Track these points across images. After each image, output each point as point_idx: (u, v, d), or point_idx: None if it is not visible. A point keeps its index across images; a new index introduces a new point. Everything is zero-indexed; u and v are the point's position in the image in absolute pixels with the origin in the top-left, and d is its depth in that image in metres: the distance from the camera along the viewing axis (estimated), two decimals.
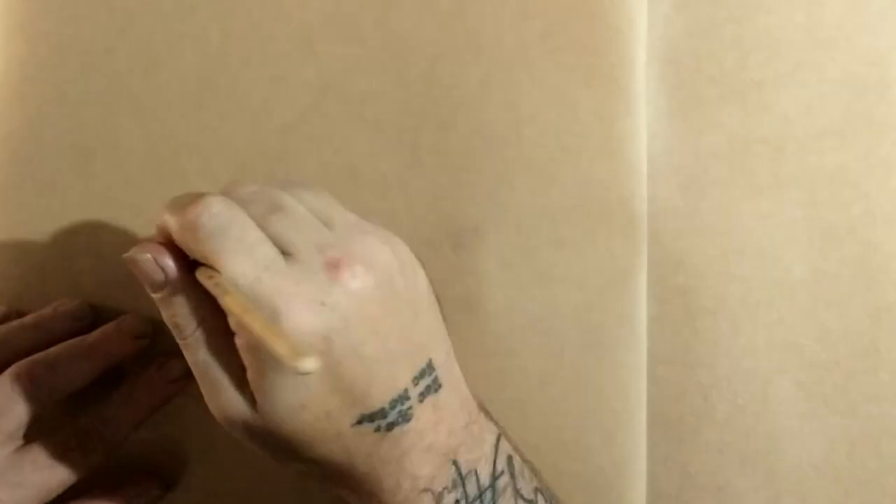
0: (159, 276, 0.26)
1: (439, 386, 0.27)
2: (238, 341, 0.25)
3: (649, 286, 0.35)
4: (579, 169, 0.34)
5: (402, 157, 0.35)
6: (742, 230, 0.35)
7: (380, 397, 0.25)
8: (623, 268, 0.34)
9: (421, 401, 0.26)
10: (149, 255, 0.26)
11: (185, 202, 0.25)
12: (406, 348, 0.26)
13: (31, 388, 0.29)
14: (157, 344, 0.33)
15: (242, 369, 0.26)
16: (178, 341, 0.27)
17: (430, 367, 0.27)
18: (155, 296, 0.26)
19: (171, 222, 0.25)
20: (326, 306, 0.24)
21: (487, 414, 0.30)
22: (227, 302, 0.24)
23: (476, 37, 0.34)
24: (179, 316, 0.26)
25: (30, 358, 0.30)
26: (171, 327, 0.26)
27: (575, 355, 0.34)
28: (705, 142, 0.35)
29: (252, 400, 0.25)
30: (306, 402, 0.25)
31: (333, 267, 0.25)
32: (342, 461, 0.26)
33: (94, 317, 0.34)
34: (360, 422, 0.25)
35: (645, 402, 0.34)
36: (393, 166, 0.35)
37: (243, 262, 0.24)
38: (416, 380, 0.26)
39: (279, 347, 0.22)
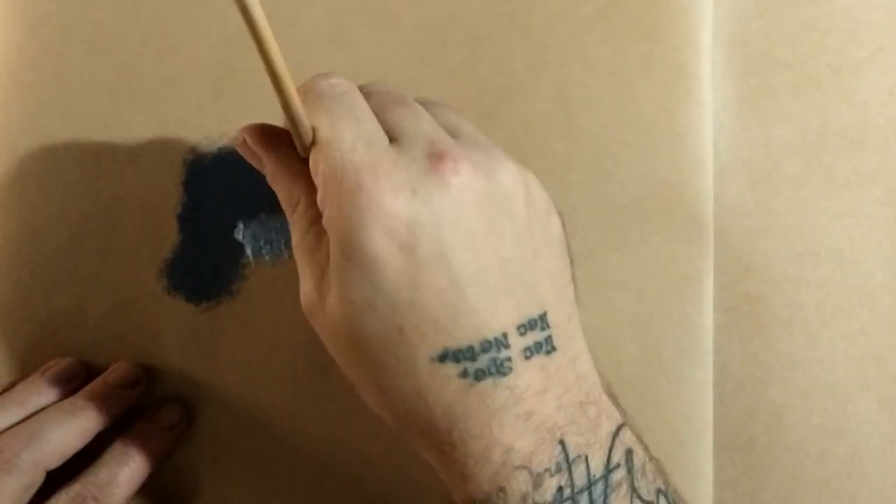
0: (253, 158, 0.27)
1: (553, 348, 0.25)
2: (324, 220, 0.25)
3: (716, 293, 0.34)
4: (638, 164, 0.34)
5: None
6: (818, 231, 0.34)
7: (469, 332, 0.24)
8: (687, 273, 0.34)
9: (527, 357, 0.24)
10: (240, 140, 0.27)
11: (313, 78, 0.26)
12: (513, 284, 0.24)
13: (19, 464, 0.29)
14: (153, 391, 0.33)
15: (327, 258, 0.25)
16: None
17: (543, 321, 0.25)
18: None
19: (294, 93, 0.25)
20: (417, 195, 0.23)
21: (614, 399, 0.28)
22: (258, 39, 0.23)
23: (523, 19, 0.34)
24: (282, 199, 0.27)
25: (12, 431, 0.30)
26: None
27: (633, 370, 0.34)
28: (777, 134, 0.35)
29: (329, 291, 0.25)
30: (377, 303, 0.23)
31: (437, 158, 0.24)
32: (417, 404, 0.24)
33: (87, 373, 0.33)
34: (442, 358, 0.24)
35: (711, 423, 0.34)
36: None
37: (344, 129, 0.24)
38: (523, 329, 0.25)
39: (291, 89, 0.22)
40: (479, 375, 0.24)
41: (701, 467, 0.34)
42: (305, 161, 0.26)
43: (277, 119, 0.33)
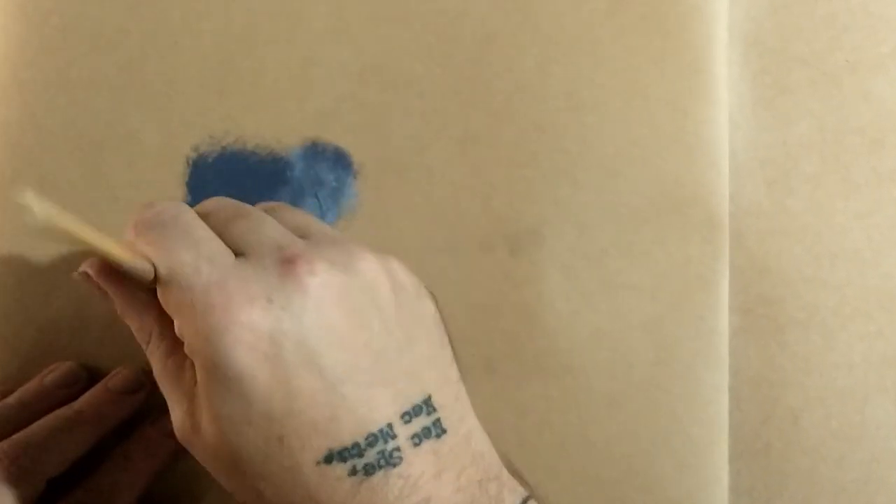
0: (100, 296, 0.27)
1: (443, 430, 0.25)
2: (185, 348, 0.24)
3: (731, 295, 0.34)
4: (651, 163, 0.34)
5: (450, 149, 0.34)
6: (836, 231, 0.34)
7: (351, 429, 0.24)
8: (701, 275, 0.34)
9: (416, 444, 0.25)
10: (82, 277, 0.27)
11: (145, 205, 0.26)
12: (390, 374, 0.25)
13: (18, 473, 0.29)
14: (154, 397, 0.33)
15: (194, 382, 0.25)
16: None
17: (428, 405, 0.25)
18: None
19: (129, 227, 0.26)
20: (274, 303, 0.23)
21: (516, 473, 0.28)
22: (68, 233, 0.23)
23: (533, 14, 0.34)
24: (132, 325, 0.27)
25: (11, 439, 0.29)
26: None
27: (646, 374, 0.34)
28: (794, 132, 0.35)
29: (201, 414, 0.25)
30: (252, 418, 0.23)
31: (288, 262, 0.24)
32: None
33: (88, 378, 0.33)
34: (328, 459, 0.24)
35: (727, 427, 0.34)
36: (440, 160, 0.34)
37: (182, 254, 0.24)
38: (407, 416, 0.25)
39: (114, 251, 0.23)
40: (369, 470, 0.24)
41: (716, 474, 0.34)
42: (153, 290, 0.25)
43: (285, 114, 0.34)
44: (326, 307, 0.24)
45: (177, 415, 0.25)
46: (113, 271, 0.26)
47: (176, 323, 0.24)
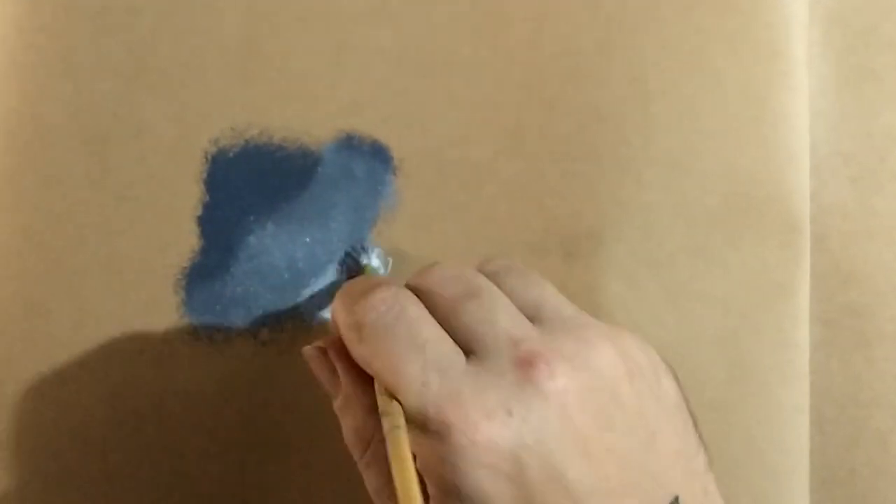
0: (327, 379, 0.28)
1: None
2: (418, 464, 0.25)
3: (812, 305, 0.34)
4: (723, 158, 0.34)
5: (500, 142, 0.34)
6: None
7: None
8: (779, 282, 0.34)
9: None
10: (315, 352, 0.28)
11: (357, 292, 0.26)
12: (635, 478, 0.25)
13: None
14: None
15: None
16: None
17: None
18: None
19: (340, 319, 0.26)
20: (514, 416, 0.23)
21: None
22: (388, 440, 0.24)
23: None
24: (348, 434, 0.27)
25: None
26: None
27: (719, 393, 0.34)
28: (882, 123, 0.35)
29: None
30: None
31: (526, 364, 0.24)
32: None
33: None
34: None
35: (807, 452, 0.34)
36: (488, 154, 0.34)
37: (410, 364, 0.24)
38: None
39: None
40: None
41: (796, 503, 0.34)
42: None
43: (316, 103, 0.34)
44: (569, 415, 0.24)
45: None
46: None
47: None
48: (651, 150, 0.34)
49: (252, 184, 0.34)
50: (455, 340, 0.25)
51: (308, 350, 0.29)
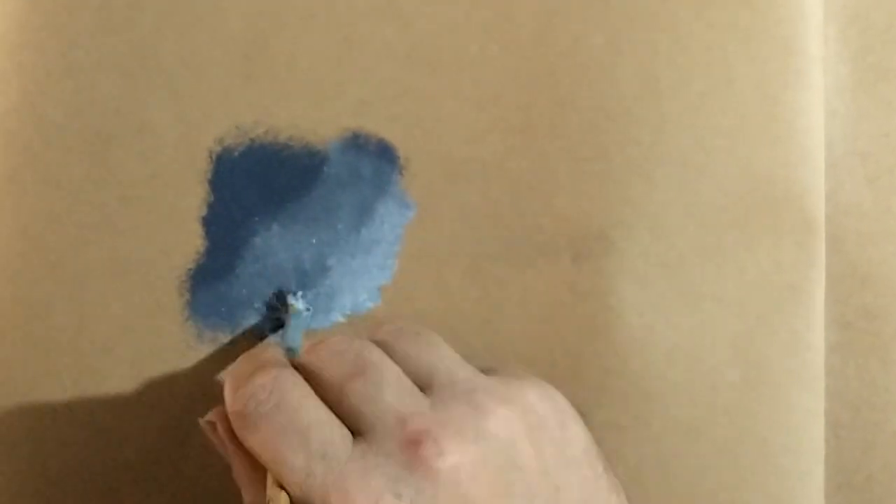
0: (224, 449, 0.28)
1: None
2: None
3: (828, 307, 0.34)
4: (736, 157, 0.34)
5: (508, 141, 0.34)
6: None
7: None
8: (794, 284, 0.34)
9: None
10: (208, 426, 0.28)
11: (241, 375, 0.26)
12: None
13: None
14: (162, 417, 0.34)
15: None
16: None
17: None
18: None
19: (227, 402, 0.26)
20: (403, 499, 0.23)
21: None
22: None
23: None
24: (246, 499, 0.27)
25: None
26: None
27: (731, 397, 0.34)
28: None
29: None
30: None
31: (413, 444, 0.24)
32: None
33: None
34: None
35: (822, 457, 0.34)
36: (497, 153, 0.34)
37: (292, 454, 0.24)
38: None
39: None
40: None
41: None
42: None
43: (322, 102, 0.34)
44: (462, 492, 0.24)
45: None
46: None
47: None
48: (662, 149, 0.34)
49: (257, 183, 0.34)
50: (343, 421, 0.25)
51: (202, 422, 0.29)
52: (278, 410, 0.25)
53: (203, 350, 0.34)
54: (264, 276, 0.34)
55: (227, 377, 0.27)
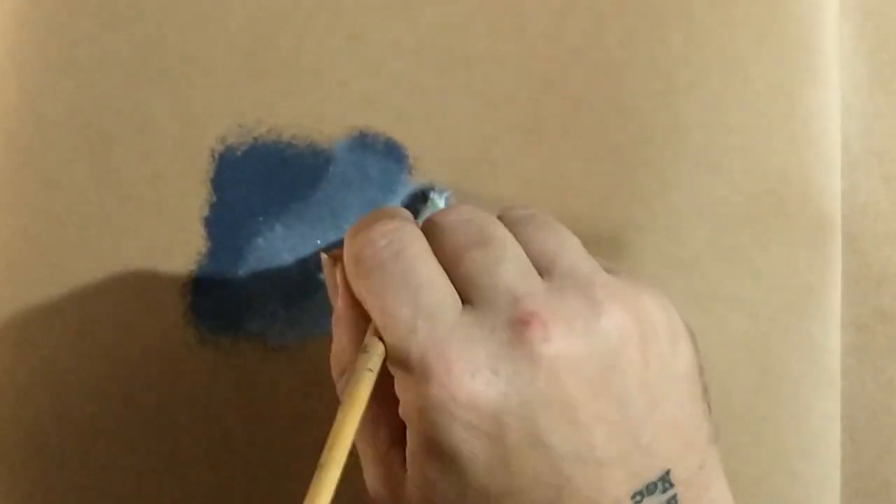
0: (331, 288, 0.28)
1: None
2: (400, 409, 0.25)
3: (844, 309, 0.34)
4: (751, 156, 0.34)
5: (518, 140, 0.34)
6: None
7: None
8: (809, 285, 0.34)
9: None
10: (329, 261, 0.28)
11: (366, 222, 0.26)
12: (625, 449, 0.24)
13: None
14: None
15: (389, 445, 0.25)
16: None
17: (665, 482, 0.25)
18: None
19: (346, 245, 0.26)
20: (500, 376, 0.23)
21: None
22: (351, 378, 0.24)
23: None
24: (333, 353, 0.27)
25: None
26: None
27: (746, 401, 0.34)
28: None
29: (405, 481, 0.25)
30: (467, 494, 0.24)
31: (521, 323, 0.23)
32: None
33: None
34: None
35: (839, 463, 0.34)
36: (508, 152, 0.34)
37: (400, 306, 0.24)
38: (639, 496, 0.24)
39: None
40: None
41: None
42: None
43: (327, 100, 0.34)
44: (560, 380, 0.23)
45: (371, 476, 0.26)
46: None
47: (397, 384, 0.25)
48: (676, 147, 0.34)
49: (261, 183, 0.34)
50: (456, 288, 0.25)
51: (325, 256, 0.28)
52: (395, 260, 0.25)
53: (205, 353, 0.34)
54: (267, 278, 0.34)
55: (351, 226, 0.27)
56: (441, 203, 0.33)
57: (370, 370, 0.24)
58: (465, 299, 0.24)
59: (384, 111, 0.34)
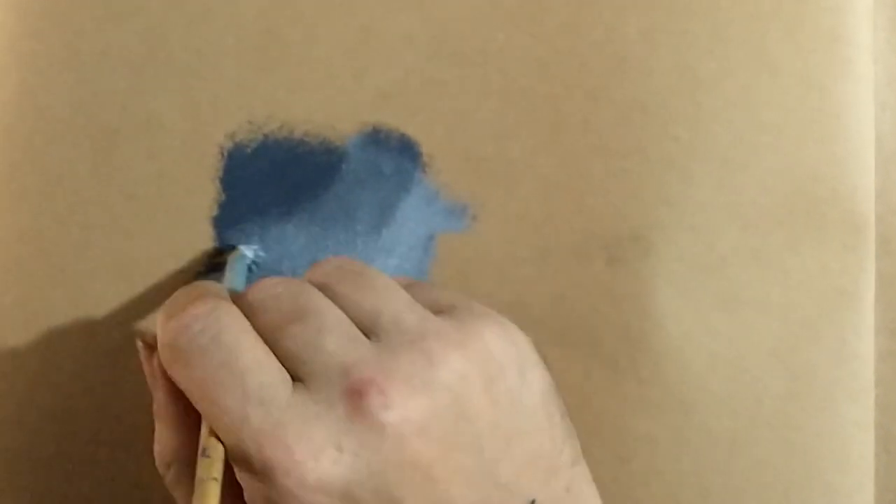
0: (149, 376, 0.28)
1: None
2: (245, 496, 0.24)
3: (878, 313, 0.34)
4: (780, 154, 0.33)
5: (537, 137, 0.34)
6: None
7: None
8: (842, 288, 0.34)
9: None
10: (143, 348, 0.28)
11: (177, 304, 0.25)
12: (485, 493, 0.24)
13: None
14: None
15: None
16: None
17: None
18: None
19: (158, 333, 0.25)
20: (345, 452, 0.23)
21: None
22: (196, 490, 0.23)
23: None
24: (161, 449, 0.27)
25: None
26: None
27: (776, 409, 0.34)
28: None
29: None
30: None
31: (357, 394, 0.23)
32: None
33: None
34: None
35: (872, 473, 0.34)
36: (525, 150, 0.34)
37: (227, 396, 0.24)
38: None
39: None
40: None
41: None
42: None
43: (339, 95, 0.34)
44: (408, 443, 0.23)
45: None
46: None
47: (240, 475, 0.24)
48: (701, 145, 0.34)
49: (271, 182, 0.34)
50: (283, 366, 0.24)
51: (139, 343, 0.28)
52: (214, 345, 0.24)
53: None
54: None
55: (161, 309, 0.26)
56: (247, 252, 0.33)
57: (215, 479, 0.23)
58: (295, 377, 0.24)
59: (398, 107, 0.34)
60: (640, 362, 0.33)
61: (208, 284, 0.28)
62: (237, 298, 0.26)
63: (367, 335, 0.25)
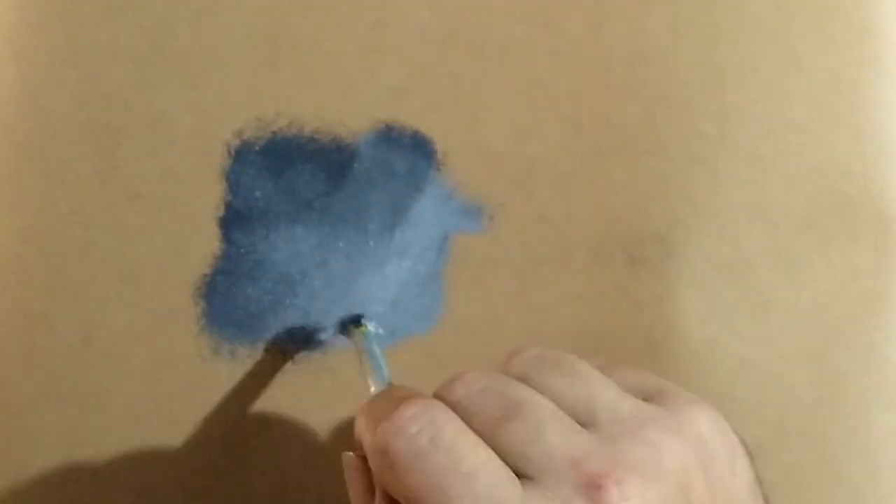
0: (359, 495, 0.27)
1: None
2: None
3: None
4: (808, 152, 0.34)
5: (556, 134, 0.34)
6: None
7: None
8: (872, 290, 0.34)
9: None
10: (355, 462, 0.27)
11: (381, 409, 0.25)
12: None
13: None
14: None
15: None
16: None
17: None
18: None
19: (365, 440, 0.25)
20: None
21: None
22: None
23: None
24: None
25: None
26: None
27: (804, 416, 0.34)
28: None
29: None
30: None
31: (593, 487, 0.23)
32: None
33: None
34: None
35: None
36: (544, 147, 0.34)
37: (456, 500, 0.23)
38: None
39: None
40: None
41: None
42: None
43: (351, 91, 0.34)
44: None
45: None
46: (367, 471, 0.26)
47: None
48: (727, 142, 0.34)
49: (279, 180, 0.34)
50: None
51: (348, 457, 0.27)
52: (434, 447, 0.23)
53: (219, 364, 0.34)
54: (286, 282, 0.34)
55: (363, 412, 0.26)
56: (373, 328, 0.33)
57: None
58: (519, 474, 0.24)
59: (412, 103, 0.34)
60: (663, 368, 0.33)
61: (405, 386, 0.28)
62: (438, 397, 0.26)
63: (582, 425, 0.25)
